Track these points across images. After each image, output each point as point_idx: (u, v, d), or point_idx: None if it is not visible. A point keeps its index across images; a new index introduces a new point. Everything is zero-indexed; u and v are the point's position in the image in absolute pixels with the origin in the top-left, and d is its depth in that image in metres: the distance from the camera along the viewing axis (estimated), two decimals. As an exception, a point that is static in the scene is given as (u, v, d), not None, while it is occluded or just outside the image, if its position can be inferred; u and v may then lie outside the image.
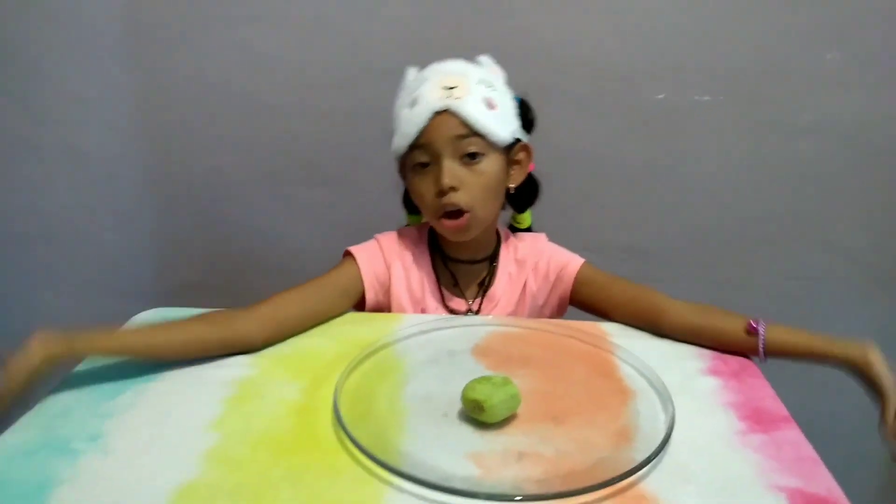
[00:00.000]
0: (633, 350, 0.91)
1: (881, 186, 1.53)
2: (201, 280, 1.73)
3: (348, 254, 1.08)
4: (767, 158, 1.53)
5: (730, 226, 1.59)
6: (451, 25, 1.47)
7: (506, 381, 0.77)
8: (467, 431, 0.76)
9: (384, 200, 1.17)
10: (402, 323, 1.00)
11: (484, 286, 1.10)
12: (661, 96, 1.50)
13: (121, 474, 0.67)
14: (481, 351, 0.94)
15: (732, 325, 0.94)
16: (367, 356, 0.90)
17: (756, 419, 0.80)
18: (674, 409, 0.77)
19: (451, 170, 0.97)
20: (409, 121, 0.98)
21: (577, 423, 0.77)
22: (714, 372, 0.90)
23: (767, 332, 0.91)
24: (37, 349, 0.75)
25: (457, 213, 0.99)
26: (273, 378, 0.86)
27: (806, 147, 1.51)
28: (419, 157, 0.99)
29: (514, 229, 1.18)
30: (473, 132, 0.97)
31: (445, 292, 1.09)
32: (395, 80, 1.11)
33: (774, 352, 0.91)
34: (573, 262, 1.09)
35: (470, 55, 1.04)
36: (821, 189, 1.54)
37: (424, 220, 1.08)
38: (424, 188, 1.00)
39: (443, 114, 0.96)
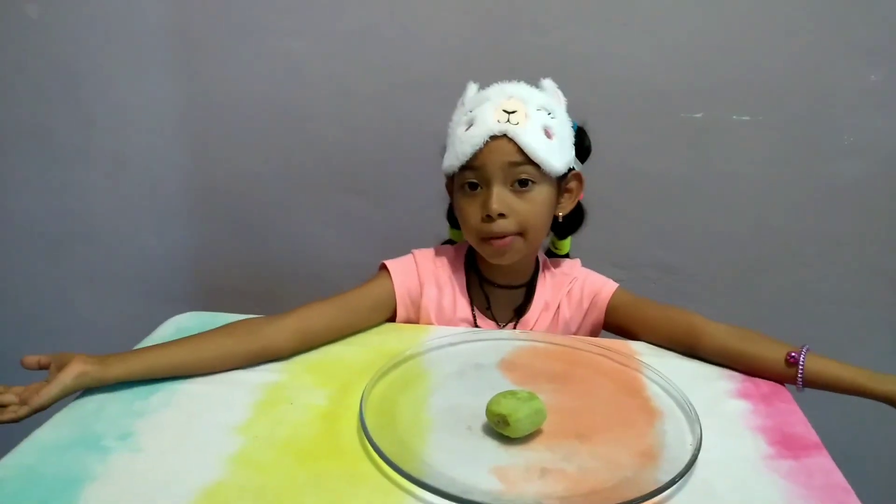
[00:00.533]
0: (662, 369, 0.90)
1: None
2: (237, 285, 1.76)
3: (383, 267, 1.08)
4: (807, 180, 1.50)
5: (766, 247, 1.56)
6: (490, 41, 1.47)
7: (531, 397, 0.77)
8: (491, 445, 0.76)
9: (421, 212, 1.18)
10: (430, 334, 1.01)
11: (519, 312, 1.09)
12: (699, 115, 1.48)
13: (149, 473, 0.69)
14: (508, 365, 0.94)
15: (773, 354, 0.92)
16: (394, 366, 0.90)
17: (785, 444, 0.78)
18: (701, 431, 0.76)
19: (501, 196, 0.96)
20: (465, 141, 0.96)
21: (602, 441, 0.77)
22: (744, 395, 0.89)
23: (808, 364, 0.89)
24: (73, 369, 0.78)
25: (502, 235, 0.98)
26: (301, 384, 0.87)
27: (847, 169, 1.48)
28: (469, 178, 0.98)
29: (550, 254, 1.17)
30: (528, 160, 0.95)
31: (477, 314, 1.08)
32: (433, 93, 1.11)
33: (814, 384, 0.90)
34: (606, 288, 1.08)
35: (508, 70, 1.03)
36: (861, 212, 1.50)
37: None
38: (471, 210, 0.98)
39: (500, 139, 0.94)
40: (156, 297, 1.77)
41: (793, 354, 0.90)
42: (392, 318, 1.07)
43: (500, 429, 0.76)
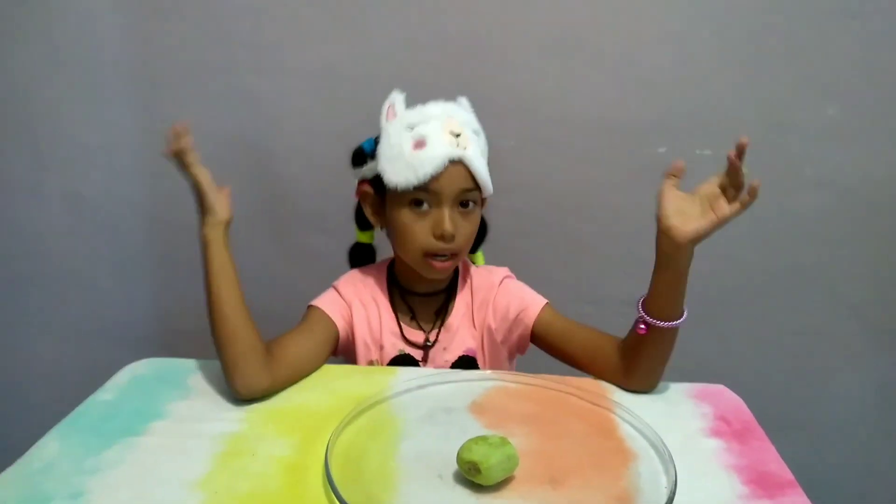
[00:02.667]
0: (633, 408, 0.89)
1: (884, 242, 1.52)
2: (199, 328, 1.70)
3: (311, 308, 1.08)
4: (769, 213, 1.51)
5: (732, 280, 1.57)
6: (454, 76, 1.47)
7: (503, 442, 0.75)
8: (463, 494, 0.73)
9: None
10: (398, 377, 0.99)
11: (441, 316, 1.10)
12: (662, 150, 1.49)
13: (101, 536, 0.65)
14: (479, 408, 0.92)
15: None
16: (361, 412, 0.87)
17: (760, 484, 0.77)
18: (676, 473, 0.75)
19: (453, 218, 0.98)
20: (421, 162, 0.95)
21: (576, 486, 0.75)
22: (716, 433, 0.88)
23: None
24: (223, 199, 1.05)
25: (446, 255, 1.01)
26: (264, 433, 0.84)
27: (808, 202, 1.50)
28: (420, 198, 0.98)
29: None
30: (476, 186, 0.99)
31: (404, 325, 1.09)
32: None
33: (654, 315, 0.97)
34: (534, 305, 1.07)
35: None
36: (823, 244, 1.53)
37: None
38: (419, 228, 0.99)
39: (457, 164, 0.97)
40: (113, 340, 1.71)
41: (641, 327, 0.95)
42: (334, 350, 1.08)
43: (471, 476, 0.73)
